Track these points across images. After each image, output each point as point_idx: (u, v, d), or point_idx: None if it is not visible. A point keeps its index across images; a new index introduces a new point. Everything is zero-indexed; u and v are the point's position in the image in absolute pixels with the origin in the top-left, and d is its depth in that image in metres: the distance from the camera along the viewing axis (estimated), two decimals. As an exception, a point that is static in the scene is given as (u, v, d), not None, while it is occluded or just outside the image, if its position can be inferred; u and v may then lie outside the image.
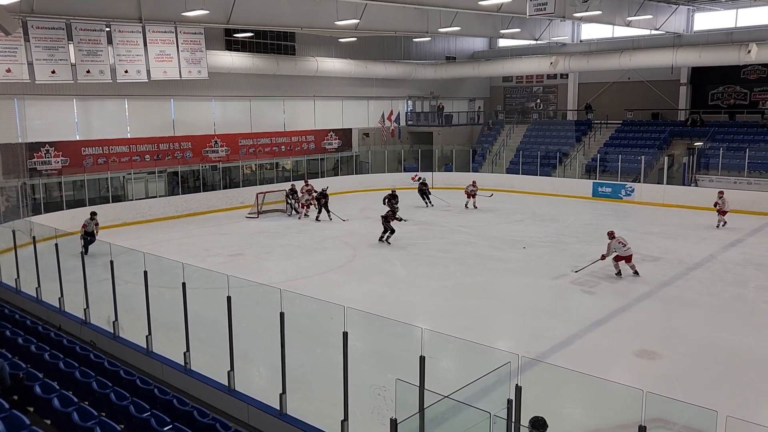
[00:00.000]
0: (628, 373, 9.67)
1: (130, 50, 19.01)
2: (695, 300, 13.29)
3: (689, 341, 10.99)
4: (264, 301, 9.44)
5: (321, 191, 22.69)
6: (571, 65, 30.42)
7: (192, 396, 8.27)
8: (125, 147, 23.48)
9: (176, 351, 9.21)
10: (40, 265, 12.54)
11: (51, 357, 7.88)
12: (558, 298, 13.55)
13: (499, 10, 20.35)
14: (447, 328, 9.71)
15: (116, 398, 6.73)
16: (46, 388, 6.66)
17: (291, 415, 7.64)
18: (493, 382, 6.12)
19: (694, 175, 25.28)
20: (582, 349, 10.66)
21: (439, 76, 33.85)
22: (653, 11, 24.88)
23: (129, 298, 10.65)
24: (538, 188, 28.11)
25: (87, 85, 19.61)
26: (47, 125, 22.00)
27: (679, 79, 30.19)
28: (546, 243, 18.45)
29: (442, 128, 33.49)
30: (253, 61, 26.18)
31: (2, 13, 13.66)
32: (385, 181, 29.88)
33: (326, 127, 30.70)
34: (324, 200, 22.41)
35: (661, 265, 15.80)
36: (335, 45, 29.55)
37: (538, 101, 35.90)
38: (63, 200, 21.28)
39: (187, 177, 25.13)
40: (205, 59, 20.74)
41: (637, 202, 25.26)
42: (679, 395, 7.97)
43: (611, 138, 29.88)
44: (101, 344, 10.33)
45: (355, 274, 15.77)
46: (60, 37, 17.65)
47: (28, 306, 12.37)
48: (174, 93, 24.47)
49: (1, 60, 16.76)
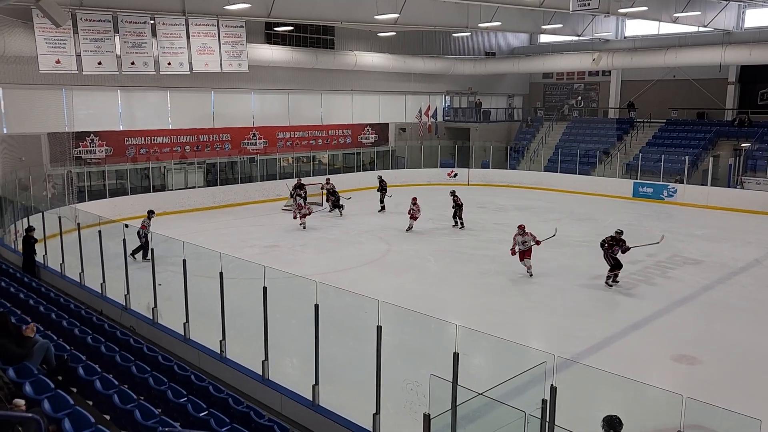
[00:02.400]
0: (665, 378, 9.45)
1: (174, 43, 19.36)
2: (738, 305, 12.91)
3: (730, 347, 10.69)
4: (298, 292, 9.52)
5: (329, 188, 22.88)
6: (614, 62, 29.79)
7: (227, 384, 8.42)
8: (166, 138, 23.97)
9: (212, 339, 9.38)
10: (84, 251, 12.91)
11: (93, 341, 8.11)
12: (594, 299, 13.32)
13: (541, 6, 20.03)
14: (479, 325, 9.61)
15: (154, 383, 6.89)
16: (88, 370, 6.85)
17: (323, 407, 7.71)
18: (525, 382, 6.06)
19: (740, 176, 24.52)
20: (618, 352, 10.47)
21: (478, 71, 33.54)
22: (702, 7, 24.15)
23: (168, 285, 10.88)
24: (577, 187, 27.65)
25: (131, 77, 20.06)
26: (92, 115, 22.59)
27: (726, 78, 29.27)
28: (583, 242, 18.14)
29: (480, 124, 33.21)
30: (292, 55, 26.38)
31: (53, 6, 14.05)
32: (421, 177, 29.86)
33: (363, 121, 30.76)
34: (334, 197, 22.52)
35: (703, 268, 15.39)
36: (374, 39, 29.56)
37: (579, 98, 35.27)
38: (106, 189, 21.85)
39: (225, 168, 25.52)
40: (246, 52, 20.99)
41: (679, 204, 24.63)
42: (719, 402, 7.76)
43: (654, 137, 29.18)
44: (140, 330, 10.58)
45: (389, 269, 15.79)
46: (107, 29, 18.08)
47: (72, 290, 12.75)
48: (214, 85, 24.85)
49: (51, 51, 17.24)
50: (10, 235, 16.62)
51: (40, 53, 17.03)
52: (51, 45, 17.19)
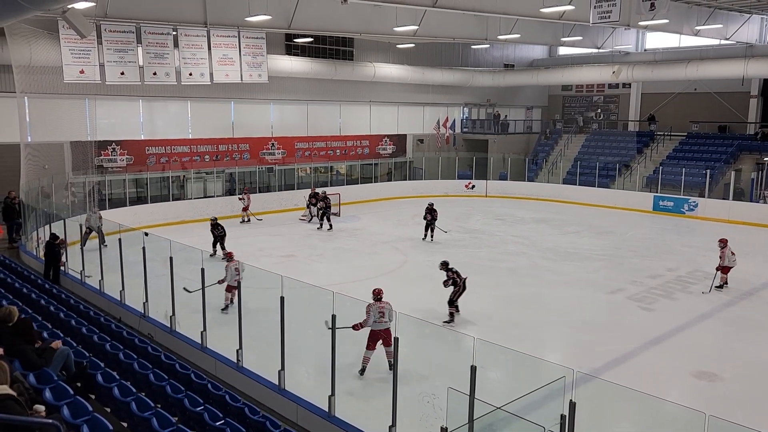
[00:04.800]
0: (685, 394, 9.29)
1: (195, 53, 19.62)
2: (761, 321, 12.67)
3: (751, 364, 10.48)
4: (315, 302, 9.53)
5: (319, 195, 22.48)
6: (634, 75, 29.60)
7: (243, 393, 8.43)
8: (186, 147, 24.21)
9: (229, 348, 9.41)
10: (104, 258, 13.05)
11: (112, 348, 8.17)
12: (613, 314, 13.16)
13: (561, 18, 20.00)
14: (497, 338, 9.55)
15: (172, 391, 6.92)
16: (107, 377, 6.90)
17: (339, 418, 7.69)
18: (543, 396, 5.99)
19: (763, 191, 24.14)
20: (637, 367, 10.31)
21: (497, 83, 33.52)
22: (723, 20, 23.93)
23: (186, 294, 10.95)
24: (596, 200, 27.40)
25: (152, 87, 20.36)
26: (114, 124, 22.94)
27: (749, 91, 28.92)
28: (602, 256, 17.97)
29: (498, 136, 33.13)
30: (311, 66, 26.58)
31: (78, 17, 14.32)
32: (438, 188, 29.81)
33: (381, 132, 30.84)
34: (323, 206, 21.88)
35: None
36: (393, 51, 29.69)
37: (599, 111, 35.07)
38: (126, 197, 22.11)
39: (244, 178, 25.71)
40: (266, 63, 21.20)
41: (700, 218, 24.30)
42: (740, 420, 7.61)
43: (675, 150, 28.88)
44: (158, 338, 10.66)
45: (406, 280, 15.74)
46: (130, 40, 18.39)
47: (92, 297, 12.89)
48: (234, 96, 25.10)
49: (76, 61, 17.56)
50: (32, 242, 16.87)
51: (65, 63, 17.36)
52: (75, 55, 17.51)
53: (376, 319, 9.18)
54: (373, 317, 9.17)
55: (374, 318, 9.16)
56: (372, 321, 9.18)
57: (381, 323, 9.21)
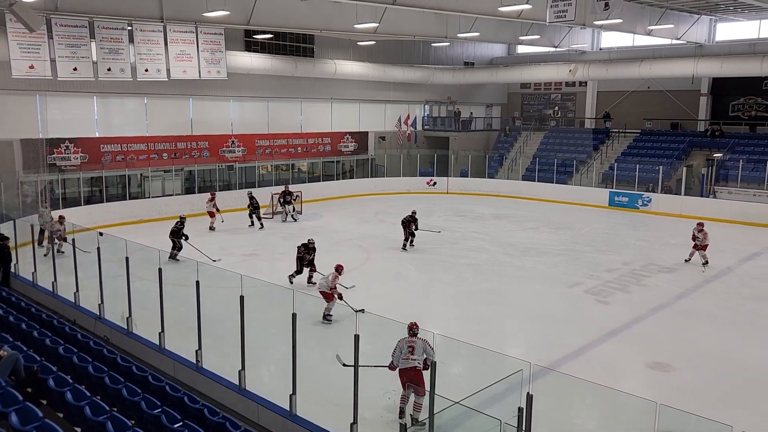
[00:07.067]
0: (640, 385, 9.55)
1: (151, 49, 19.20)
2: (711, 313, 13.11)
3: (704, 354, 10.84)
4: (276, 301, 9.45)
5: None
6: (590, 73, 30.22)
7: (203, 394, 8.30)
8: (143, 145, 23.69)
9: (188, 349, 9.25)
10: (57, 259, 12.68)
11: (65, 351, 7.95)
12: (571, 307, 13.43)
13: (519, 17, 20.27)
14: (459, 334, 9.66)
15: (128, 394, 6.77)
16: (59, 381, 6.71)
17: (301, 417, 7.64)
18: (504, 390, 6.08)
19: (712, 186, 24.98)
20: (594, 359, 10.55)
21: (457, 81, 33.80)
22: (675, 20, 24.65)
23: (143, 294, 10.72)
24: (554, 196, 27.93)
25: (107, 83, 19.82)
26: (67, 122, 22.23)
27: (699, 90, 29.87)
28: (561, 251, 18.32)
29: (459, 133, 33.42)
30: (271, 63, 26.31)
31: (27, 10, 13.85)
32: (400, 185, 29.92)
33: (343, 129, 30.77)
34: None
35: (677, 276, 15.62)
36: (354, 48, 29.62)
37: (556, 108, 35.71)
38: (81, 196, 21.51)
39: (204, 176, 25.28)
40: (225, 60, 20.89)
41: (654, 213, 25.00)
42: (693, 409, 7.86)
43: (629, 147, 29.62)
44: (115, 340, 10.41)
45: (368, 278, 15.73)
46: (82, 35, 17.88)
47: (44, 300, 12.51)
48: (193, 92, 24.66)
49: (25, 56, 16.99)
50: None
51: (13, 58, 16.79)
52: (24, 50, 16.95)
53: (404, 355, 7.86)
54: (400, 354, 7.92)
55: (402, 354, 7.88)
56: (399, 358, 7.93)
57: (409, 361, 7.84)
